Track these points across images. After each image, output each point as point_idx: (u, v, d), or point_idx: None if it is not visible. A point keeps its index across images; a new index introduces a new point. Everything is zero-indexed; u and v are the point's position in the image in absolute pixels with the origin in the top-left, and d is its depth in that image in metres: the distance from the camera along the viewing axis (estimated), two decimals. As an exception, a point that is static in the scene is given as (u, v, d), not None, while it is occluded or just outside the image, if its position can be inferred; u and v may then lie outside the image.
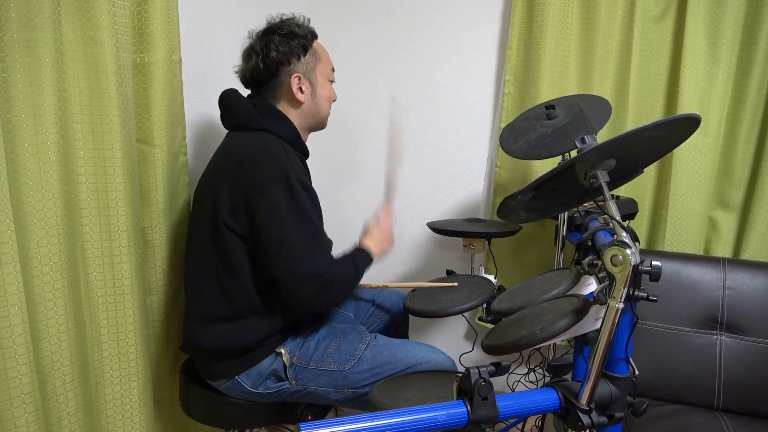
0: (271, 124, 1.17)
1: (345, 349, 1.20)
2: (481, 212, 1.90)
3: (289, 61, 1.21)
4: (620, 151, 0.77)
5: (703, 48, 1.53)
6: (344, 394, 1.18)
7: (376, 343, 1.22)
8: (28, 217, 0.93)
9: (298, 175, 1.10)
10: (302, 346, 1.21)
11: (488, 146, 1.86)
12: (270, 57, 1.19)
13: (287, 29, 1.22)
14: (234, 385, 1.19)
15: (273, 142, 1.13)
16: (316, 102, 1.26)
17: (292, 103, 1.24)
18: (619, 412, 0.76)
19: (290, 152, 1.15)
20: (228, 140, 1.22)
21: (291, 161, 1.11)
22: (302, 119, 1.26)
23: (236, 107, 1.19)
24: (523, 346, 0.74)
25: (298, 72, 1.22)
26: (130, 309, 1.15)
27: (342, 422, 0.62)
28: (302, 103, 1.24)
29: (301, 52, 1.22)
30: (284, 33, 1.21)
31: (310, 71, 1.24)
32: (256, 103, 1.20)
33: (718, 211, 1.64)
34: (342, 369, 1.18)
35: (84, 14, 1.00)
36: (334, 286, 1.12)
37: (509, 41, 1.69)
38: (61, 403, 1.02)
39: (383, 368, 1.18)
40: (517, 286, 1.07)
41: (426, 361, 1.19)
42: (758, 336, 1.34)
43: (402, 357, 1.19)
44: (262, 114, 1.18)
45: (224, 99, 1.21)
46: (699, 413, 1.32)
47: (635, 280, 0.71)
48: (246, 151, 1.13)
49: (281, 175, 1.08)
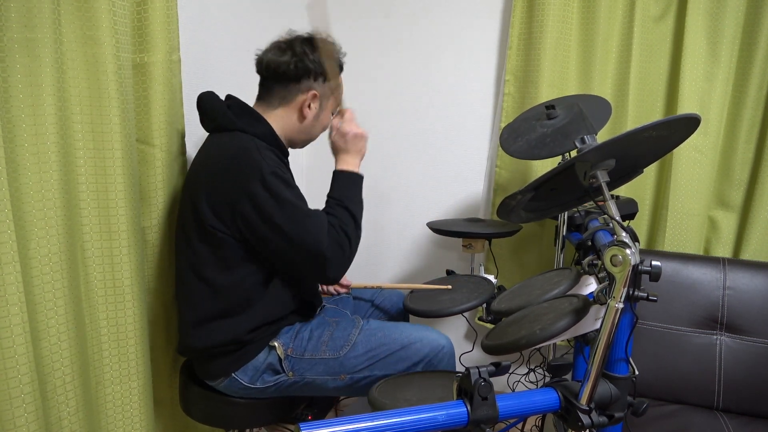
0: (246, 124, 1.17)
1: (338, 336, 1.21)
2: (481, 212, 1.90)
3: (315, 77, 1.22)
4: (620, 151, 0.77)
5: (703, 48, 1.53)
6: (342, 380, 1.18)
7: (369, 327, 1.22)
8: (28, 217, 0.93)
9: (271, 167, 1.10)
10: (296, 337, 1.21)
11: (488, 146, 1.86)
12: (303, 63, 1.20)
13: (328, 49, 1.24)
14: (231, 383, 1.19)
15: (244, 140, 1.14)
16: (314, 124, 1.27)
17: (292, 112, 1.24)
18: (619, 412, 0.76)
19: (263, 147, 1.14)
20: (206, 142, 1.22)
21: (263, 156, 1.11)
22: (291, 131, 1.26)
23: (212, 110, 1.20)
24: (523, 346, 0.74)
25: (316, 90, 1.23)
26: (130, 309, 1.15)
27: (342, 422, 0.62)
28: (304, 118, 1.25)
29: (323, 77, 1.24)
30: (324, 51, 1.23)
31: (324, 96, 1.26)
32: (231, 105, 1.21)
33: (718, 211, 1.64)
34: (337, 356, 1.18)
35: (84, 14, 1.00)
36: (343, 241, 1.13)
37: (509, 41, 1.69)
38: (61, 403, 1.02)
39: (378, 350, 1.18)
40: (517, 286, 1.07)
41: (420, 340, 1.19)
42: (758, 336, 1.34)
43: (396, 337, 1.19)
44: (237, 115, 1.18)
45: (201, 102, 1.22)
46: (699, 413, 1.32)
47: (635, 280, 0.71)
48: (220, 153, 1.14)
49: (255, 170, 1.08)
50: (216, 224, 1.11)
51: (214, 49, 1.50)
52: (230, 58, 1.58)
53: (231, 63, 1.58)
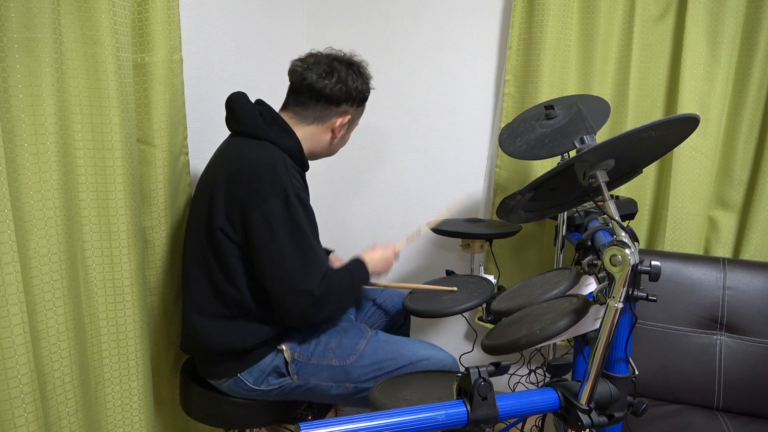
0: (276, 135, 1.17)
1: (346, 344, 1.21)
2: (481, 212, 1.90)
3: (352, 103, 1.25)
4: (619, 151, 0.77)
5: (703, 48, 1.53)
6: (346, 389, 1.18)
7: (378, 339, 1.23)
8: (28, 217, 0.93)
9: (296, 190, 1.10)
10: (303, 342, 1.21)
11: (488, 146, 1.86)
12: (347, 87, 1.22)
13: (367, 79, 1.27)
14: (236, 384, 1.19)
15: (274, 154, 1.13)
16: (336, 144, 1.30)
17: (324, 132, 1.26)
18: (618, 412, 0.76)
19: (290, 166, 1.14)
20: (230, 144, 1.21)
21: (290, 175, 1.11)
22: (317, 147, 1.28)
23: (243, 112, 1.18)
24: (523, 346, 0.74)
25: (350, 115, 1.26)
26: (130, 309, 1.15)
27: (342, 422, 0.62)
28: (334, 138, 1.27)
29: (359, 102, 1.27)
30: (364, 79, 1.26)
31: (353, 120, 1.29)
32: (262, 111, 1.20)
33: (718, 211, 1.63)
34: (343, 364, 1.18)
35: (84, 14, 1.00)
36: (328, 302, 1.12)
37: (509, 41, 1.69)
38: (60, 403, 1.02)
39: (384, 364, 1.18)
40: (517, 286, 1.07)
41: (427, 358, 1.19)
42: (758, 336, 1.34)
43: (403, 353, 1.19)
44: (268, 123, 1.18)
45: (231, 102, 1.20)
46: (699, 413, 1.31)
47: (634, 280, 0.71)
48: (247, 160, 1.13)
49: (280, 188, 1.08)
50: (225, 227, 1.11)
51: (214, 49, 1.50)
52: (231, 58, 1.58)
53: (232, 63, 1.59)
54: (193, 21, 1.39)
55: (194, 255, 1.18)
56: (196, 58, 1.40)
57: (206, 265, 1.15)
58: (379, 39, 1.92)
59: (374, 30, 1.92)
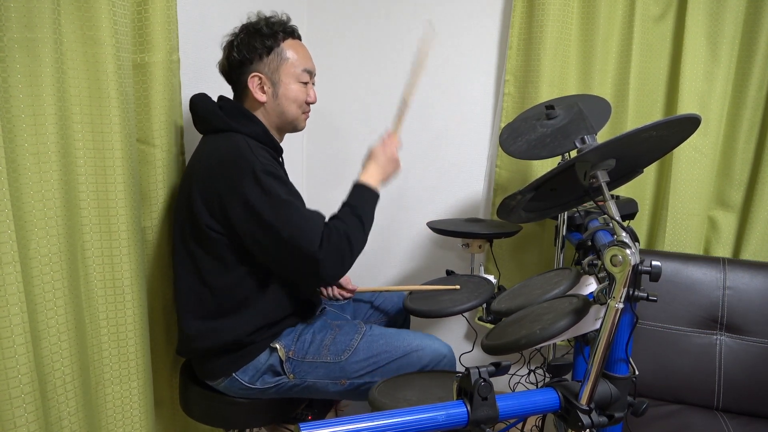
0: (239, 124, 1.18)
1: (341, 340, 1.21)
2: (481, 212, 1.90)
3: (250, 61, 1.21)
4: (620, 151, 0.77)
5: (703, 48, 1.53)
6: (342, 385, 1.18)
7: (372, 333, 1.23)
8: (28, 217, 0.93)
9: (263, 166, 1.09)
10: (297, 340, 1.21)
11: (488, 146, 1.86)
12: (233, 56, 1.22)
13: (254, 29, 1.22)
14: (232, 383, 1.19)
15: (238, 139, 1.14)
16: (278, 102, 1.24)
17: (254, 102, 1.24)
18: (619, 412, 0.76)
19: (256, 147, 1.14)
20: (201, 144, 1.22)
21: (257, 155, 1.11)
22: (268, 118, 1.25)
23: (204, 111, 1.20)
24: (523, 346, 0.74)
25: (258, 72, 1.21)
26: (130, 309, 1.15)
27: (342, 422, 0.62)
28: (263, 102, 1.23)
29: (264, 53, 1.21)
30: (250, 32, 1.21)
31: (273, 71, 1.22)
32: (223, 105, 1.21)
33: (718, 211, 1.63)
34: (338, 360, 1.18)
35: (84, 14, 1.01)
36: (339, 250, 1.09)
37: (509, 41, 1.69)
38: (61, 403, 1.02)
39: (380, 357, 1.18)
40: (517, 286, 1.07)
41: (422, 348, 1.19)
42: (758, 336, 1.34)
43: (398, 345, 1.19)
44: (230, 115, 1.19)
45: (194, 105, 1.22)
46: (699, 413, 1.32)
47: (635, 280, 0.71)
48: (214, 154, 1.14)
49: (248, 170, 1.08)
50: (211, 224, 1.11)
51: (213, 49, 1.49)
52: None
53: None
54: (192, 21, 1.39)
55: (182, 257, 1.18)
56: (194, 58, 1.41)
57: (195, 264, 1.16)
58: (378, 39, 1.92)
59: (374, 30, 1.92)
